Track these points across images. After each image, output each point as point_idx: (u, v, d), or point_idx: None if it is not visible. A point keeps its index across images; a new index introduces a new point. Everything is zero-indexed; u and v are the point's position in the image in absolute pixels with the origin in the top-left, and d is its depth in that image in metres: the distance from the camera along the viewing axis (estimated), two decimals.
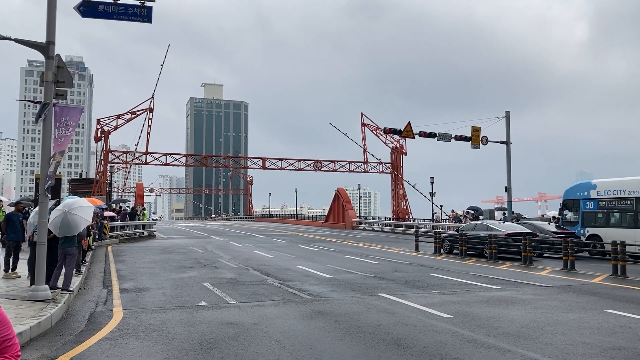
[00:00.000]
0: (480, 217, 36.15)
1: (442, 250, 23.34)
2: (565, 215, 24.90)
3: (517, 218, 32.21)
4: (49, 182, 10.16)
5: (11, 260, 13.36)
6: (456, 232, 23.90)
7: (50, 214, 10.72)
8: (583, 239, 22.78)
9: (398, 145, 56.38)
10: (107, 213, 27.59)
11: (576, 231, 23.19)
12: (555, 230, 22.69)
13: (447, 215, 45.43)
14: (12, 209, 14.00)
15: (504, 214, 37.65)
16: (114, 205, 40.32)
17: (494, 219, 35.59)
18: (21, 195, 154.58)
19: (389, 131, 36.17)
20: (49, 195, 10.38)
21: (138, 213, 36.80)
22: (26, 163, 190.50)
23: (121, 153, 53.59)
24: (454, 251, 22.70)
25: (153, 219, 60.47)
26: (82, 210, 11.09)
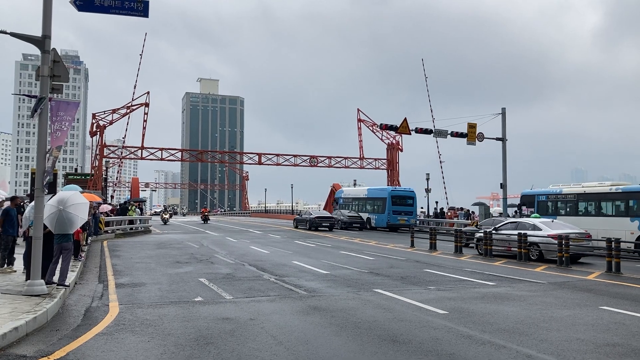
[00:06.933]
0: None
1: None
2: (336, 206, 47.36)
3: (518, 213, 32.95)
4: (47, 177, 10.11)
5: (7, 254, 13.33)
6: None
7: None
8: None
9: (394, 141, 56.40)
10: (103, 208, 27.52)
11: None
12: (350, 214, 41.23)
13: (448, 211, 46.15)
14: (9, 203, 13.93)
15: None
16: (129, 203, 40.77)
17: (490, 215, 37.00)
18: (15, 191, 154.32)
19: (385, 127, 36.19)
20: (47, 191, 10.33)
21: (130, 208, 36.51)
22: (21, 157, 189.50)
23: (117, 148, 53.42)
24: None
25: (155, 212, 60.14)
26: (77, 207, 11.00)
